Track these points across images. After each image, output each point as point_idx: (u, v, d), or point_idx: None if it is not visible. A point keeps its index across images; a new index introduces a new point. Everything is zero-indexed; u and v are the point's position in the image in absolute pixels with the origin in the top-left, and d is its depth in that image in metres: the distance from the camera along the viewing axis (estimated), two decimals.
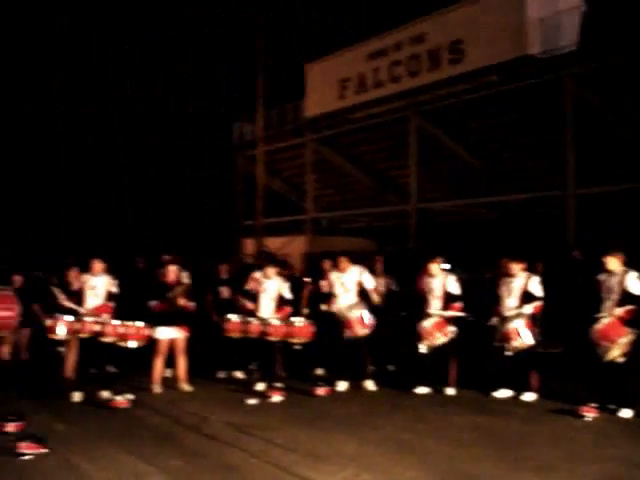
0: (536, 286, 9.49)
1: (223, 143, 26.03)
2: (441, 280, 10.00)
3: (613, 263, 8.70)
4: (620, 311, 8.45)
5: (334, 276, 10.48)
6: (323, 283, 11.02)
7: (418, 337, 9.85)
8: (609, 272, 8.74)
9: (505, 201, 19.31)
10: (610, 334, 8.45)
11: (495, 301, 9.75)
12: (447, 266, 10.38)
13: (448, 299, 9.93)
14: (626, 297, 8.46)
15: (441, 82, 18.62)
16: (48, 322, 9.71)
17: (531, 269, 9.83)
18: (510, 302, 9.56)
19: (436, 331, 9.78)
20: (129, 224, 25.04)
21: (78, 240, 20.50)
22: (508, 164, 19.61)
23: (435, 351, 9.82)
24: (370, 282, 10.42)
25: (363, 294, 10.38)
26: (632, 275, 8.52)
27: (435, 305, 9.97)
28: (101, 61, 26.55)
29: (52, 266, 13.14)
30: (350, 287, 10.34)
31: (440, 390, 9.78)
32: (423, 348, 9.84)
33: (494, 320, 9.66)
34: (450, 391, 9.77)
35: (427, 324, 9.84)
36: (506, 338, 9.40)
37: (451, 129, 20.07)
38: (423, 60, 19.10)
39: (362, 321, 10.14)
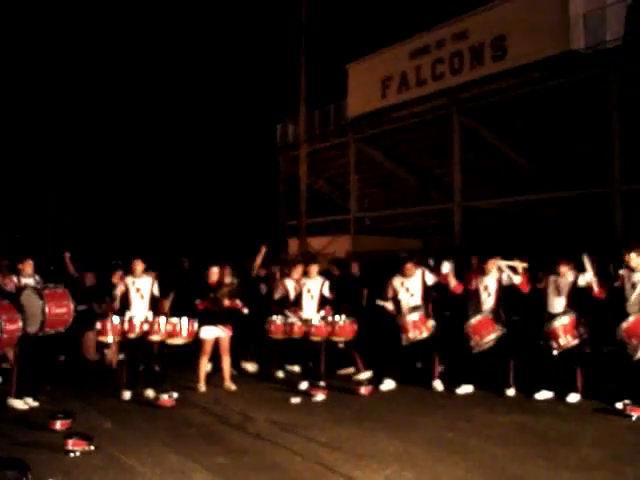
0: (587, 279, 9.32)
1: (266, 144, 26.15)
2: (495, 277, 9.91)
3: (635, 260, 8.73)
4: None
5: (397, 282, 10.40)
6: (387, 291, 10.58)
7: (466, 336, 9.79)
8: (632, 268, 8.79)
9: (550, 198, 19.07)
10: (638, 331, 8.36)
11: (543, 299, 9.64)
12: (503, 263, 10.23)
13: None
14: None
15: (484, 79, 18.47)
16: (98, 325, 9.90)
17: (579, 267, 9.68)
18: (558, 301, 9.46)
19: (483, 329, 9.71)
20: (175, 225, 25.32)
21: (124, 242, 20.79)
22: (552, 161, 19.36)
23: (487, 350, 9.74)
24: (431, 279, 10.31)
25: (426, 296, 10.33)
26: None
27: (488, 303, 9.90)
28: (147, 63, 26.92)
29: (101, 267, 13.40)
30: (415, 292, 10.29)
31: (500, 392, 9.63)
32: (472, 347, 9.76)
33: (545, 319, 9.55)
34: (510, 392, 9.61)
35: (474, 322, 9.77)
36: (552, 337, 9.30)
37: (494, 126, 19.88)
38: (466, 57, 18.97)
39: (420, 324, 10.10)
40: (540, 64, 16.91)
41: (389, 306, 10.35)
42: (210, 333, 10.22)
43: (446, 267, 10.26)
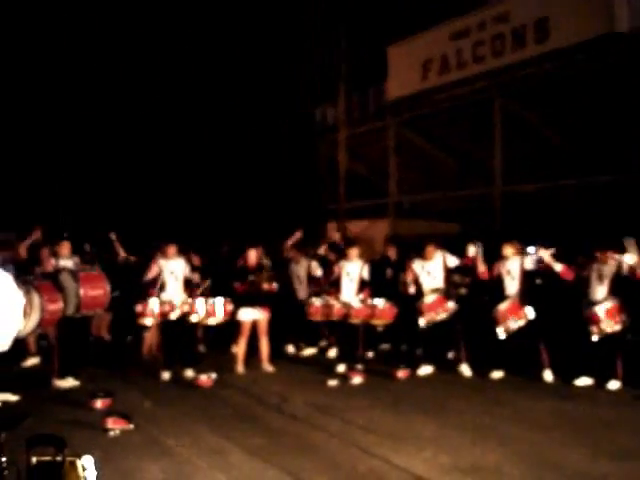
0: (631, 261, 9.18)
1: (305, 128, 26.11)
2: (518, 262, 9.83)
3: None
4: None
5: (418, 265, 10.39)
6: (407, 275, 10.60)
7: (494, 321, 9.73)
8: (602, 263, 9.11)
9: (592, 183, 18.76)
10: None
11: (585, 285, 9.53)
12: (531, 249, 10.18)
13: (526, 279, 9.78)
14: None
15: (526, 61, 18.17)
16: (138, 307, 10.02)
17: (621, 252, 9.53)
18: (600, 289, 9.34)
19: (510, 314, 9.64)
20: (215, 209, 25.46)
21: (162, 226, 20.98)
22: (594, 145, 19.02)
23: (519, 335, 9.66)
24: (453, 261, 10.29)
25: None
26: None
27: (512, 287, 9.82)
28: (185, 46, 27.02)
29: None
30: (436, 274, 10.25)
31: (537, 377, 9.54)
32: (499, 332, 9.71)
33: (584, 305, 9.44)
34: (547, 375, 9.53)
35: (502, 307, 9.71)
36: (593, 321, 9.18)
37: (536, 109, 19.57)
38: (507, 39, 18.68)
39: (438, 305, 10.05)
40: (583, 46, 16.58)
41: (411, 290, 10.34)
42: (248, 315, 10.29)
43: (472, 251, 10.21)
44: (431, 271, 10.24)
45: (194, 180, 26.53)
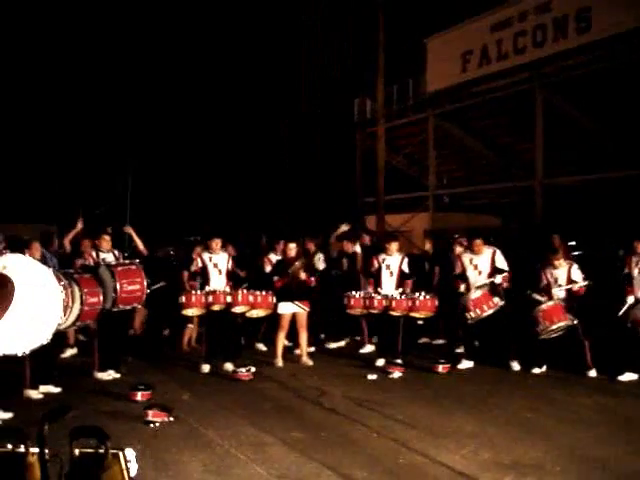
0: None
1: (344, 120, 26.05)
2: (565, 270, 9.73)
3: None
4: None
5: (466, 258, 10.30)
6: (457, 268, 10.50)
7: (535, 320, 9.61)
8: None
9: (634, 176, 18.43)
10: None
11: (628, 281, 9.37)
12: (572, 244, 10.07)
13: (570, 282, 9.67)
14: None
15: (568, 52, 17.91)
16: (182, 298, 10.05)
17: None
18: None
19: (554, 316, 9.51)
20: (254, 202, 25.57)
21: (202, 219, 21.10)
22: (636, 138, 18.68)
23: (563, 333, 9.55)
24: (504, 264, 10.16)
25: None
26: None
27: (559, 294, 9.71)
28: (230, 43, 27.19)
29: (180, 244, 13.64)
30: (483, 269, 10.15)
31: (582, 373, 9.43)
32: (539, 332, 9.59)
33: (628, 300, 9.28)
34: (592, 373, 9.40)
35: (546, 307, 9.58)
36: (638, 320, 9.02)
37: (578, 101, 19.28)
38: (549, 30, 18.42)
39: (483, 301, 9.94)
40: (625, 37, 16.30)
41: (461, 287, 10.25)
42: (288, 309, 10.30)
43: (503, 264, 10.10)
44: (478, 265, 10.14)
45: (233, 174, 26.66)
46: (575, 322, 9.44)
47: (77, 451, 2.98)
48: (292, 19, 26.80)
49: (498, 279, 9.89)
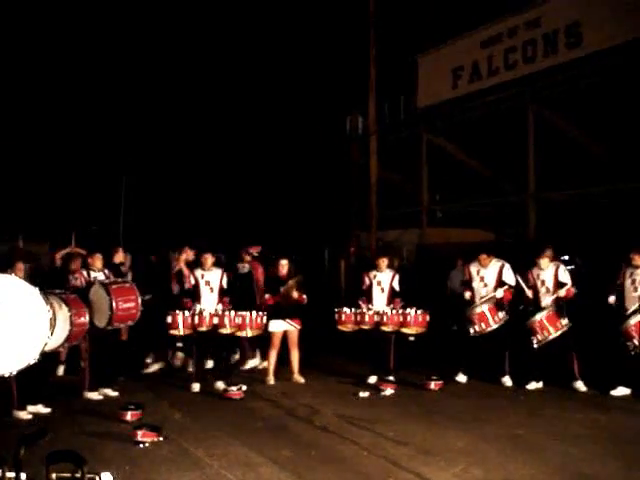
0: None
1: (336, 136, 26.09)
2: (552, 271, 9.72)
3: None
4: None
5: (474, 268, 10.27)
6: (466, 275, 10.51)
7: (530, 332, 9.60)
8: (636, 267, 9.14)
9: (628, 189, 18.48)
10: None
11: (620, 294, 9.36)
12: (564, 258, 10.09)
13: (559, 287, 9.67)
14: None
15: (558, 67, 18.00)
16: (168, 319, 9.96)
17: None
18: (635, 295, 9.15)
19: (549, 325, 9.50)
20: (244, 217, 25.54)
21: (194, 235, 21.10)
22: (630, 151, 18.74)
23: (551, 346, 9.53)
24: (511, 278, 10.12)
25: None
26: None
27: (547, 299, 9.69)
28: (217, 54, 27.29)
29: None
30: (489, 282, 10.14)
31: (569, 386, 9.45)
32: (535, 343, 9.57)
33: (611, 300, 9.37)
34: (579, 385, 9.42)
35: (539, 318, 9.57)
36: (629, 334, 8.99)
37: (571, 116, 19.35)
38: (539, 45, 18.52)
39: (488, 315, 9.91)
40: (615, 51, 16.38)
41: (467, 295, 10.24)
42: (279, 326, 10.26)
43: (510, 278, 10.08)
44: (484, 277, 10.14)
45: (224, 187, 26.67)
46: (570, 324, 9.48)
47: (54, 475, 2.94)
48: (285, 35, 26.87)
49: (499, 293, 9.86)
